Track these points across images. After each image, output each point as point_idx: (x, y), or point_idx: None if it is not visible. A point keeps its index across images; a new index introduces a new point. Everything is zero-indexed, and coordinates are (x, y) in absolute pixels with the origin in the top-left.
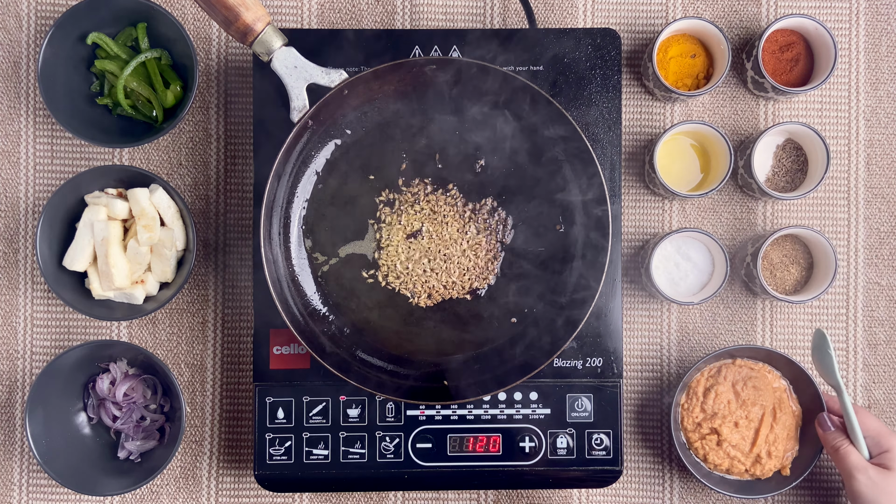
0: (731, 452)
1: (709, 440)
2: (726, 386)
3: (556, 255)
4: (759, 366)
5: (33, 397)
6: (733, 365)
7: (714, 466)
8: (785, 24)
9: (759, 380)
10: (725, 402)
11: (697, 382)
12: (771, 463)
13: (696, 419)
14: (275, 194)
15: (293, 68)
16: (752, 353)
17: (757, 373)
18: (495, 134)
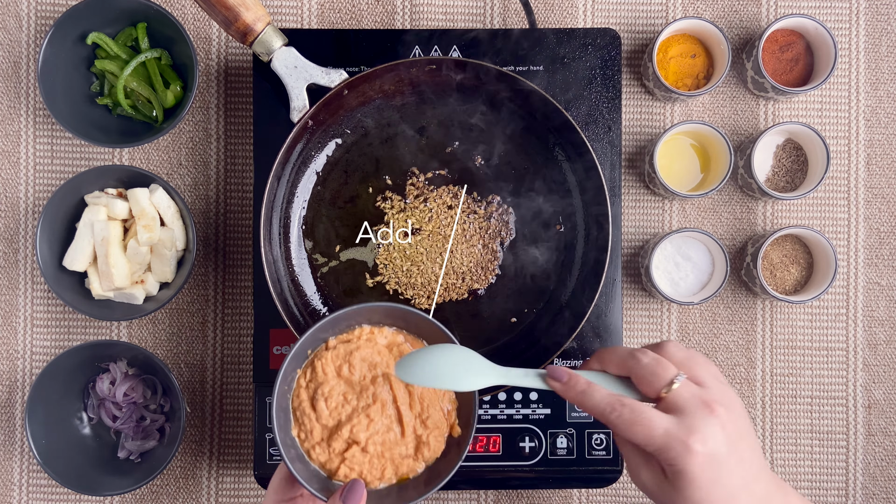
0: (391, 449)
1: (352, 454)
2: (330, 374)
3: (556, 255)
4: (354, 333)
5: (33, 397)
6: (327, 350)
7: (378, 477)
8: (785, 24)
9: (363, 347)
10: (339, 400)
11: (296, 394)
12: (436, 432)
13: (316, 439)
14: (275, 194)
15: (293, 68)
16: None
17: (355, 341)
18: (495, 134)
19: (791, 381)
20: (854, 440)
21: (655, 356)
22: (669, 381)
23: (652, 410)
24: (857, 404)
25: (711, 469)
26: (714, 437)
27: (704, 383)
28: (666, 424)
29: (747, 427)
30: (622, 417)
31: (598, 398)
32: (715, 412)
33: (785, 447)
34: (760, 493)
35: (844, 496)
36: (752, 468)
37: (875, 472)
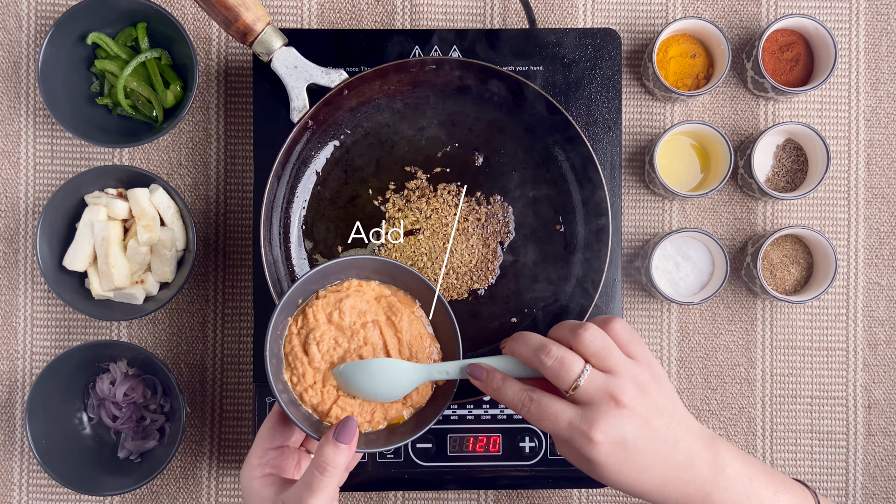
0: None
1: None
2: (321, 320)
3: (556, 255)
4: (343, 285)
5: (33, 397)
6: (317, 299)
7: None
8: (785, 24)
9: (353, 296)
10: (331, 344)
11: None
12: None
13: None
14: (275, 194)
15: (293, 68)
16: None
17: (344, 290)
18: (495, 134)
19: (791, 381)
20: (854, 440)
21: (559, 356)
22: (574, 380)
23: (557, 404)
24: (857, 404)
25: (617, 454)
26: (615, 427)
27: (615, 371)
28: (569, 417)
29: (664, 403)
30: (531, 412)
31: (511, 394)
32: (619, 403)
33: (785, 447)
34: (681, 461)
35: (844, 496)
36: (668, 441)
37: (875, 472)
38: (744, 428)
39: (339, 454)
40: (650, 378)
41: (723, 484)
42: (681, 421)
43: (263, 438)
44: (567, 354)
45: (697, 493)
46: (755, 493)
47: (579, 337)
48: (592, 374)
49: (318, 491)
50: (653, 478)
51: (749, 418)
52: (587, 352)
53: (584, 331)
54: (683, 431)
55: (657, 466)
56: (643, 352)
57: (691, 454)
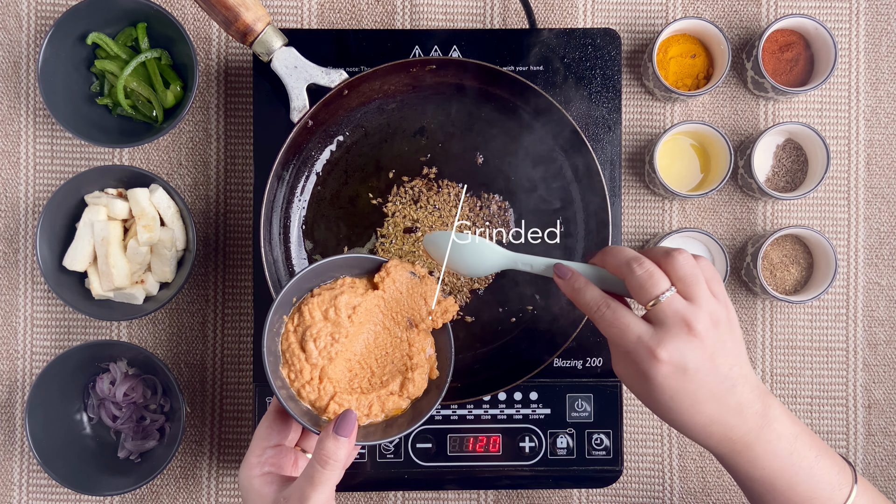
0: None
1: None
2: (317, 317)
3: (556, 254)
4: (336, 282)
5: (33, 397)
6: (312, 297)
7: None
8: (785, 24)
9: (347, 293)
10: (327, 340)
11: (284, 338)
12: (420, 370)
13: (306, 378)
14: (275, 195)
15: (293, 68)
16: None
17: (338, 288)
18: (495, 134)
19: (791, 381)
20: (854, 440)
21: (649, 270)
22: (657, 295)
23: (630, 316)
24: (857, 404)
25: (675, 377)
26: (682, 352)
27: (696, 300)
28: (640, 332)
29: (731, 344)
30: (604, 317)
31: (589, 297)
32: (692, 330)
33: None
34: (733, 404)
35: None
36: (725, 381)
37: (875, 472)
38: None
39: (340, 447)
40: (725, 318)
41: (767, 436)
42: (743, 366)
43: (261, 437)
44: (657, 270)
45: (740, 440)
46: (797, 451)
47: (672, 258)
48: (674, 297)
49: (320, 484)
50: (701, 413)
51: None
52: (676, 275)
53: (679, 254)
54: (742, 377)
55: (709, 403)
56: (723, 292)
57: (744, 401)
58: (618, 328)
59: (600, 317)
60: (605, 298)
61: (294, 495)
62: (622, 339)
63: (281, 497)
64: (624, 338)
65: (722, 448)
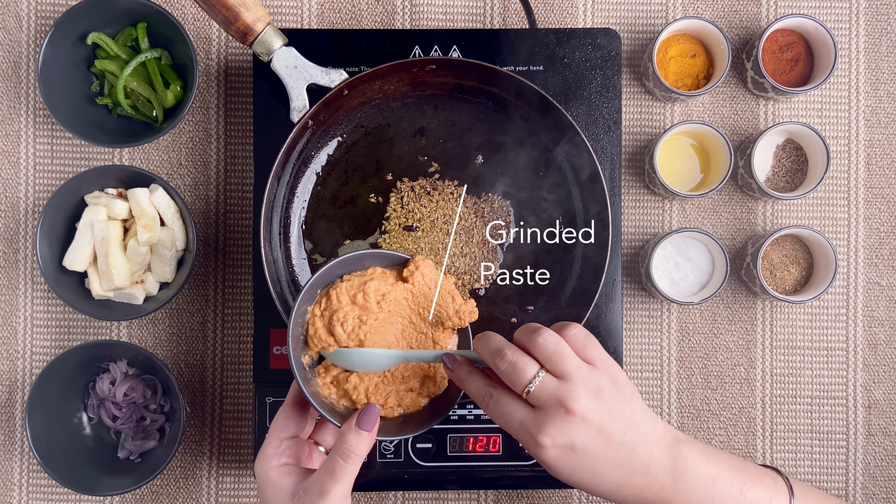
0: (400, 377)
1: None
2: (344, 302)
3: (556, 254)
4: (367, 271)
5: (33, 397)
6: (342, 282)
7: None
8: (785, 24)
9: (377, 280)
10: (355, 323)
11: (311, 323)
12: (442, 371)
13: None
14: (275, 195)
15: (293, 68)
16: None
17: (368, 275)
18: (495, 134)
19: (791, 381)
20: (854, 440)
21: (512, 361)
22: (526, 384)
23: (512, 404)
24: (857, 404)
25: (565, 457)
26: (564, 433)
27: (568, 377)
28: (521, 417)
29: (622, 405)
30: (488, 407)
31: (474, 388)
32: (569, 411)
33: (785, 447)
34: (637, 466)
35: (844, 496)
36: (622, 447)
37: (875, 472)
38: (744, 428)
39: (362, 441)
40: (608, 383)
41: (682, 488)
42: (640, 425)
43: (279, 428)
44: (521, 359)
45: (655, 497)
46: (718, 493)
47: (533, 341)
48: (544, 380)
49: (341, 477)
50: (607, 482)
51: (749, 418)
52: (541, 356)
53: (538, 335)
54: (642, 437)
55: (611, 471)
56: (600, 356)
57: (648, 460)
58: (502, 417)
59: (485, 406)
60: (488, 388)
61: (314, 487)
62: (508, 428)
63: (300, 489)
64: (509, 426)
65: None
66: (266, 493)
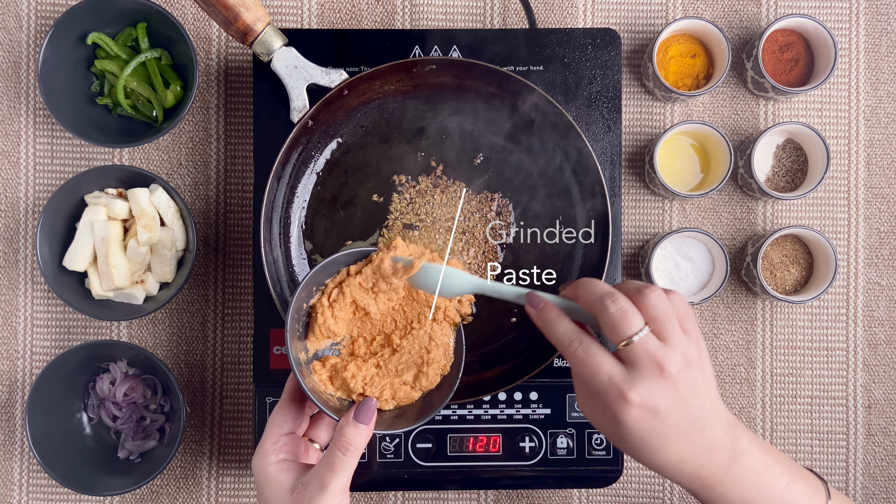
0: (394, 370)
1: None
2: (345, 304)
3: (556, 254)
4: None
5: (33, 397)
6: (351, 276)
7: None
8: (785, 24)
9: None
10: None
11: (320, 313)
12: (434, 366)
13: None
14: (274, 195)
15: (293, 68)
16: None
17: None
18: (495, 134)
19: (791, 381)
20: (854, 440)
21: (623, 307)
22: (630, 335)
23: (603, 355)
24: (857, 404)
25: (646, 420)
26: (653, 394)
27: (668, 340)
28: (612, 372)
29: (702, 383)
30: (576, 354)
31: (562, 331)
32: (664, 372)
33: (785, 447)
34: (702, 442)
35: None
36: (696, 421)
37: (875, 472)
38: None
39: (360, 434)
40: (697, 357)
41: (736, 471)
42: (713, 403)
43: (276, 424)
44: (631, 308)
45: (710, 476)
46: (769, 481)
47: (645, 297)
48: (648, 337)
49: (340, 471)
50: (671, 453)
51: (749, 418)
52: (649, 314)
53: (651, 292)
54: (713, 414)
55: (679, 443)
56: (695, 329)
57: (713, 438)
58: (589, 367)
59: (572, 353)
60: (578, 334)
61: (313, 482)
62: (593, 379)
63: (299, 484)
64: (595, 378)
65: (693, 485)
66: (265, 489)
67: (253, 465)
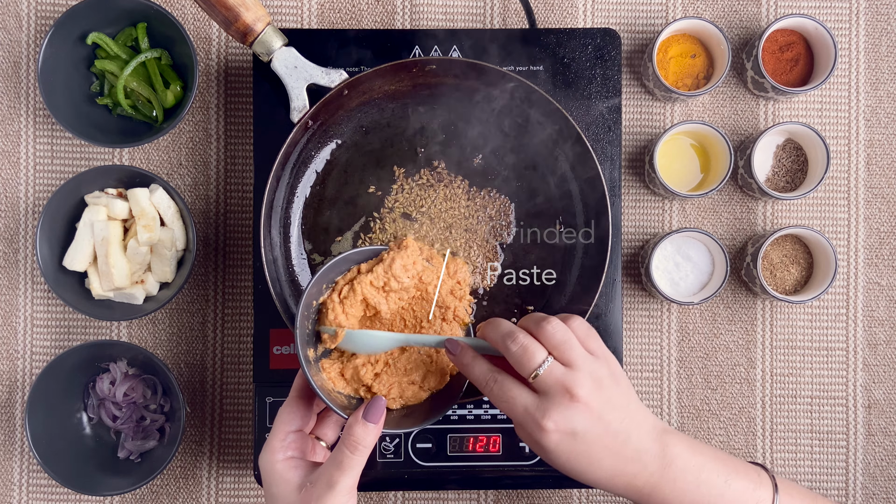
0: (404, 366)
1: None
2: (356, 301)
3: (556, 254)
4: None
5: (33, 397)
6: (362, 274)
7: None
8: (785, 24)
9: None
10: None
11: (331, 309)
12: (442, 367)
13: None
14: (274, 194)
15: (293, 68)
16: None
17: (388, 256)
18: (495, 134)
19: (791, 381)
20: (854, 440)
21: (523, 343)
22: (534, 368)
23: (517, 388)
24: (857, 404)
25: (566, 443)
26: (567, 418)
27: (573, 364)
28: (526, 403)
29: (619, 396)
30: (492, 392)
31: (478, 372)
32: (574, 397)
33: (785, 447)
34: (629, 454)
35: (844, 496)
36: (619, 435)
37: (875, 472)
38: (744, 428)
39: (369, 433)
40: (607, 374)
41: (670, 475)
42: (634, 416)
43: (284, 422)
44: (531, 343)
45: (645, 485)
46: (705, 481)
47: (543, 329)
48: (552, 366)
49: (348, 469)
50: (601, 468)
51: (749, 418)
52: (549, 343)
53: (547, 323)
54: (635, 426)
55: (606, 458)
56: (601, 348)
57: (640, 448)
58: (505, 402)
59: (489, 391)
60: (493, 373)
61: (322, 480)
62: (512, 413)
63: (307, 482)
64: (513, 411)
65: (630, 494)
66: (272, 486)
67: (260, 462)
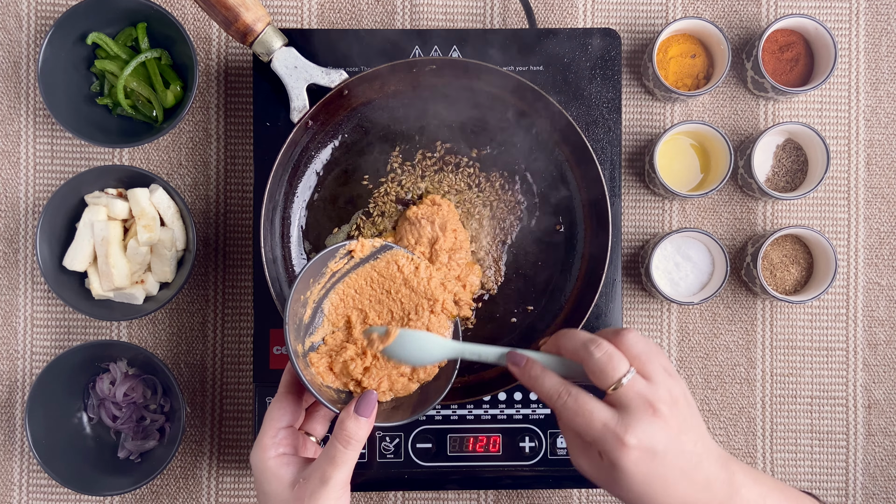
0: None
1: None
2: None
3: (557, 254)
4: (385, 254)
5: (33, 397)
6: (360, 274)
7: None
8: (785, 24)
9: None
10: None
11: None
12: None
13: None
14: (275, 195)
15: (293, 68)
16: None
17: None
18: (494, 134)
19: (791, 381)
20: (854, 440)
21: (608, 351)
22: (618, 378)
23: (594, 402)
24: (857, 404)
25: (645, 462)
26: (650, 435)
27: (653, 379)
28: (605, 418)
29: (692, 419)
30: (566, 406)
31: (548, 385)
32: (657, 412)
33: (785, 447)
34: (700, 479)
35: (844, 496)
36: (692, 458)
37: (875, 472)
38: (744, 428)
39: (361, 427)
40: (682, 393)
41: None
42: (705, 439)
43: (274, 418)
44: (616, 352)
45: None
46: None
47: (623, 338)
48: (636, 378)
49: (341, 464)
50: (672, 495)
51: (749, 418)
52: (630, 354)
53: (629, 332)
54: (706, 451)
55: (680, 483)
56: (673, 367)
57: (710, 475)
58: (582, 416)
59: (562, 405)
60: (566, 385)
61: (314, 475)
62: (588, 428)
63: (300, 478)
64: (590, 426)
65: None
66: (264, 484)
67: (252, 459)
